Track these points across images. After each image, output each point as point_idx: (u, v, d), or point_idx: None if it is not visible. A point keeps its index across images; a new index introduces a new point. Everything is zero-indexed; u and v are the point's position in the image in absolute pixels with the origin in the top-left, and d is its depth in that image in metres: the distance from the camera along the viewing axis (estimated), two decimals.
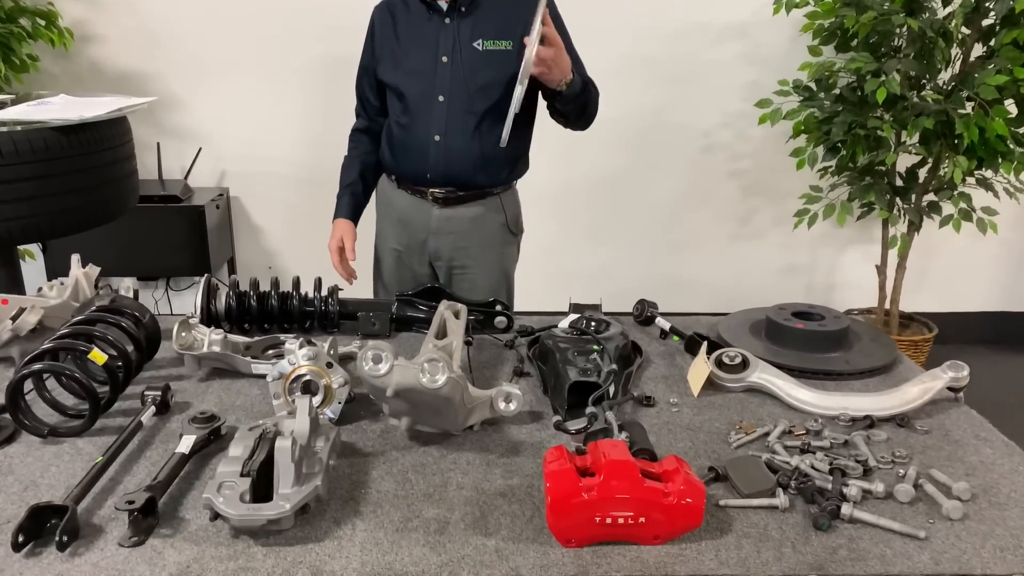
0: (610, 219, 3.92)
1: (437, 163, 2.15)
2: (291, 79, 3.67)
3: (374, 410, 1.45)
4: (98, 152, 2.19)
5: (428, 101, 2.13)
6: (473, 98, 2.11)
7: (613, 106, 3.73)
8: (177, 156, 3.72)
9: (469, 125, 2.12)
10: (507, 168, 2.23)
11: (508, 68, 2.04)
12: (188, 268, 3.63)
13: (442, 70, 2.11)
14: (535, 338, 1.73)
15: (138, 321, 1.54)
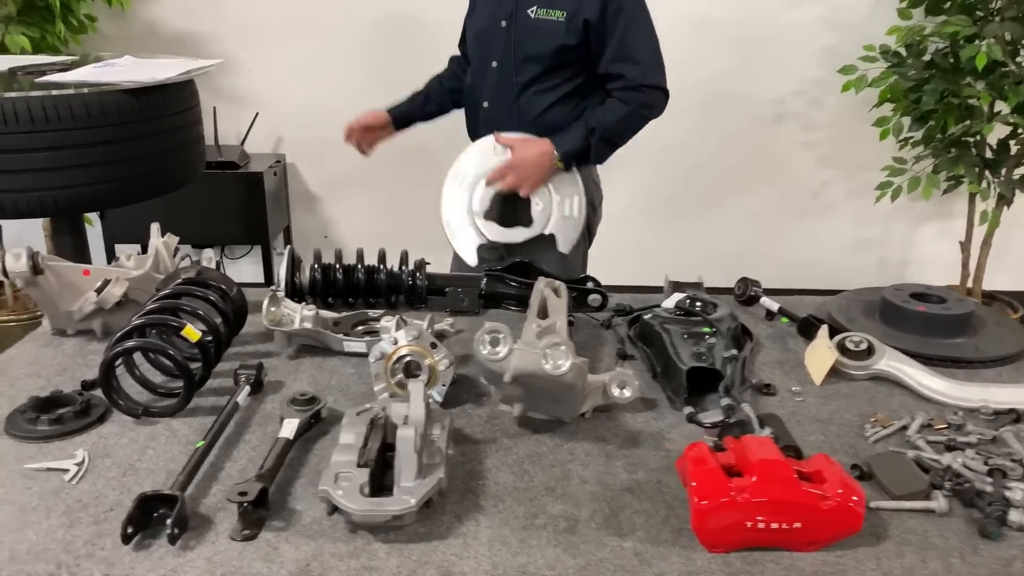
0: (672, 191, 3.79)
1: (484, 129, 2.13)
2: (350, 42, 3.57)
3: (477, 392, 1.37)
4: (169, 116, 2.12)
5: (484, 65, 2.13)
6: (518, 67, 2.07)
7: (679, 72, 3.60)
8: (233, 121, 3.65)
9: (511, 94, 2.09)
10: None
11: (555, 39, 2.00)
12: (243, 236, 3.58)
13: (499, 35, 2.09)
14: (634, 318, 1.63)
15: (225, 294, 1.47)
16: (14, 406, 1.28)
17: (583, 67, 2.05)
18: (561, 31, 2.00)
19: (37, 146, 1.91)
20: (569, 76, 2.06)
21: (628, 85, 2.03)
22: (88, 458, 1.15)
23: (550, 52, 2.02)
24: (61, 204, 1.97)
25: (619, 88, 2.05)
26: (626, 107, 2.04)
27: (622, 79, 2.03)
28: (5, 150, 1.89)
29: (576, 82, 2.08)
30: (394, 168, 3.31)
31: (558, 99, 2.08)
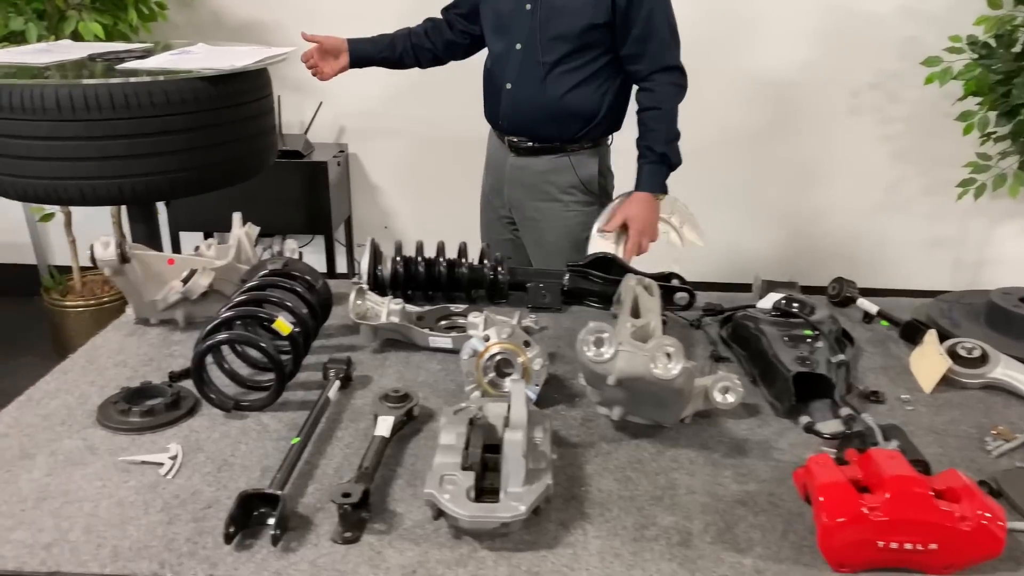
0: (738, 183, 3.68)
1: (507, 111, 2.18)
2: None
3: (568, 393, 1.33)
4: (244, 104, 2.11)
5: (508, 48, 2.15)
6: (544, 48, 2.09)
7: (750, 60, 3.53)
8: (296, 110, 3.64)
9: (537, 75, 2.11)
10: (576, 124, 2.16)
11: (583, 18, 2.03)
12: (305, 225, 3.57)
13: (523, 18, 2.10)
14: (726, 318, 1.57)
15: (311, 286, 1.44)
16: (104, 396, 1.28)
17: (608, 47, 2.09)
18: (589, 10, 2.03)
19: (116, 133, 1.91)
20: (595, 56, 2.09)
21: (653, 68, 2.09)
22: (181, 452, 1.14)
23: (577, 31, 2.04)
24: (139, 192, 1.97)
25: (644, 71, 2.10)
26: (662, 106, 2.10)
27: (645, 59, 2.09)
28: (85, 137, 1.90)
29: (601, 62, 2.10)
30: (455, 160, 3.26)
31: (583, 79, 2.10)
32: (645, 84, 2.14)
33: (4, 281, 3.99)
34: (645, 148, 2.14)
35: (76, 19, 2.86)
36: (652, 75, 2.11)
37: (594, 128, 2.18)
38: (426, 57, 2.38)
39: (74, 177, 1.91)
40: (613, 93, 2.17)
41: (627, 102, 2.25)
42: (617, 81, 2.16)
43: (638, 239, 2.13)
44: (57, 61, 2.09)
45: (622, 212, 2.14)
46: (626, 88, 2.22)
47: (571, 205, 2.24)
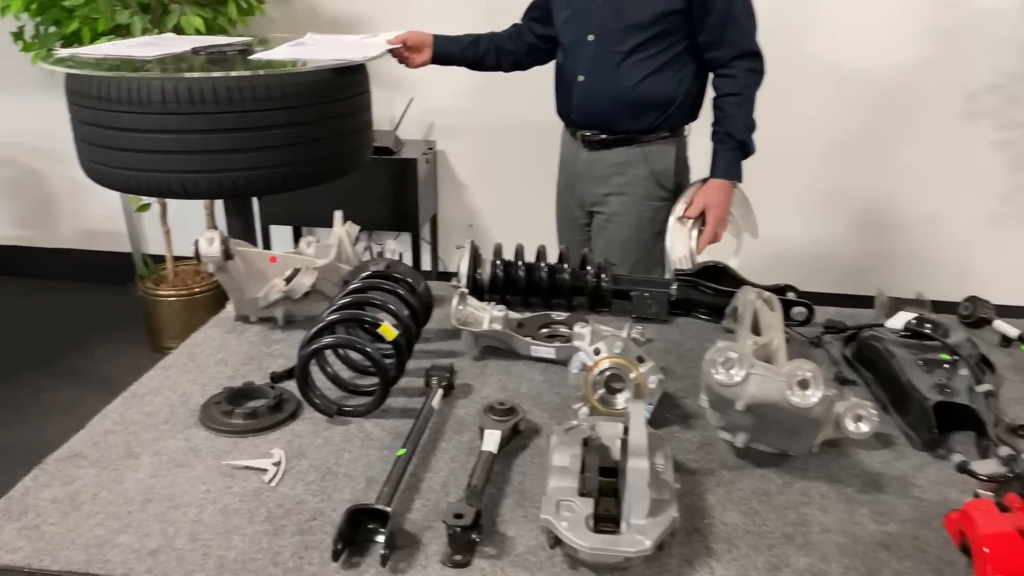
0: (839, 188, 3.52)
1: (579, 104, 2.15)
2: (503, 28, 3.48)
3: (682, 413, 1.25)
4: (344, 100, 2.09)
5: (580, 40, 2.12)
6: (618, 37, 2.06)
7: (854, 59, 3.35)
8: (386, 106, 3.63)
9: (610, 64, 2.08)
10: (652, 114, 2.12)
11: (656, 7, 2.00)
12: (392, 222, 3.56)
13: (596, 9, 2.08)
14: (850, 336, 1.47)
15: (412, 289, 1.40)
16: (206, 395, 1.26)
17: (684, 34, 2.06)
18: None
19: (218, 127, 1.91)
20: (670, 44, 2.06)
21: (732, 54, 2.05)
22: (285, 458, 1.10)
23: (652, 19, 2.02)
24: (239, 187, 1.97)
25: (723, 57, 2.06)
26: (742, 92, 2.07)
27: (724, 46, 2.05)
28: (188, 130, 1.90)
29: (676, 50, 2.07)
30: (540, 158, 3.19)
31: (657, 67, 2.07)
32: (724, 70, 2.10)
33: (100, 268, 4.12)
34: (724, 134, 2.10)
35: (178, 13, 2.90)
36: (732, 61, 2.08)
37: (670, 117, 2.14)
38: (508, 60, 2.37)
39: (176, 170, 1.92)
40: (689, 80, 2.12)
41: (704, 89, 2.20)
42: (693, 67, 2.12)
43: (715, 227, 2.11)
44: (161, 54, 2.10)
45: (700, 198, 2.11)
46: (703, 74, 2.16)
47: (644, 200, 2.19)
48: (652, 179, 2.16)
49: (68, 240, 4.18)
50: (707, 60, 2.10)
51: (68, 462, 1.09)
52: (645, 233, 2.19)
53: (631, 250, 2.18)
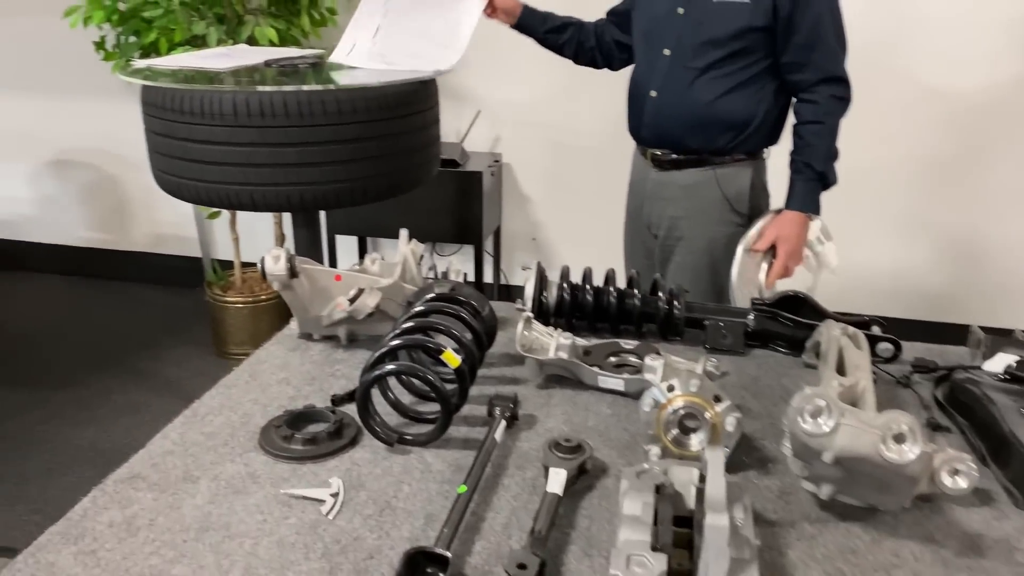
0: (917, 209, 3.37)
1: (650, 120, 2.08)
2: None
3: (760, 457, 1.18)
4: (412, 115, 2.07)
5: (655, 54, 2.05)
6: (695, 52, 1.99)
7: (950, 75, 3.19)
8: (453, 118, 3.61)
9: (685, 80, 2.01)
10: (726, 134, 2.03)
11: (738, 21, 1.92)
12: (455, 235, 3.55)
13: (674, 22, 2.01)
14: (943, 376, 1.37)
15: (477, 313, 1.36)
16: (267, 415, 1.24)
17: (766, 53, 1.97)
18: (746, 13, 1.92)
19: (288, 141, 1.90)
20: (749, 62, 1.98)
21: (817, 78, 1.96)
22: (343, 489, 1.07)
23: (732, 35, 1.94)
24: (306, 201, 1.96)
25: (807, 81, 1.97)
26: (824, 120, 1.97)
27: (808, 69, 1.96)
28: (258, 143, 1.91)
29: (756, 69, 1.99)
30: (605, 173, 3.13)
31: (734, 86, 1.97)
32: (806, 95, 1.99)
33: (171, 272, 4.21)
34: (802, 164, 1.99)
35: (253, 24, 2.94)
36: (815, 86, 1.97)
37: (746, 139, 2.04)
38: (585, 55, 2.30)
39: (246, 183, 1.92)
40: (769, 101, 2.02)
41: (786, 112, 2.09)
42: (774, 88, 2.02)
43: (786, 262, 2.00)
44: (234, 66, 2.11)
45: (772, 230, 2.01)
46: (784, 97, 2.05)
47: (716, 224, 2.09)
48: (725, 203, 2.06)
49: (141, 244, 4.28)
50: (789, 83, 2.01)
51: (127, 484, 1.08)
52: (718, 259, 2.08)
53: (703, 277, 2.09)
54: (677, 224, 2.13)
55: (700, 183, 2.07)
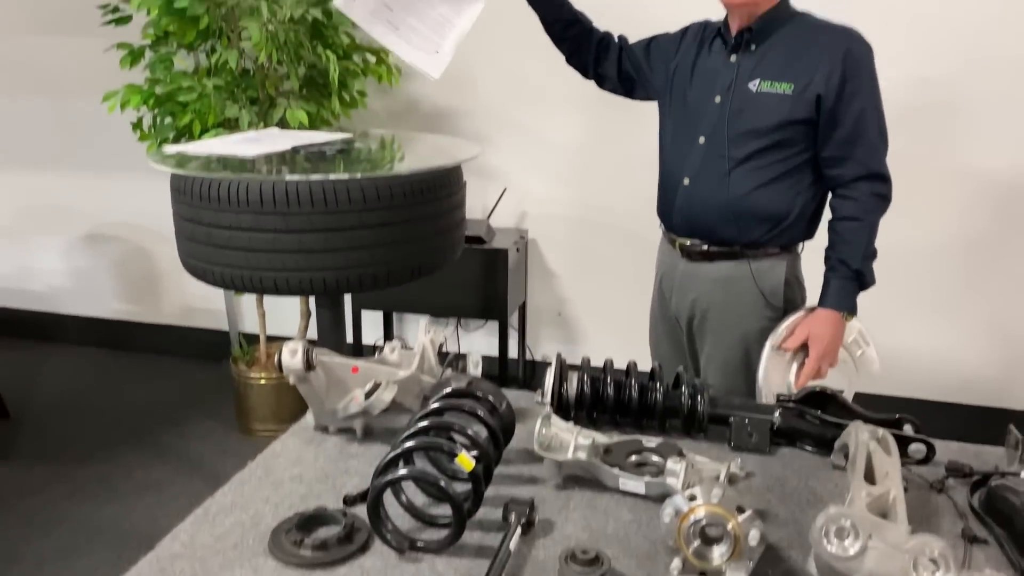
0: (950, 291, 3.31)
1: (682, 208, 2.02)
2: (597, 120, 3.47)
3: (785, 569, 1.12)
4: (436, 200, 2.08)
5: (690, 141, 2.00)
6: (732, 142, 1.93)
7: (972, 154, 3.17)
8: (479, 195, 3.64)
9: (720, 170, 1.95)
10: (761, 227, 1.96)
11: (780, 113, 1.87)
12: (480, 310, 3.55)
13: (711, 110, 1.96)
14: (979, 481, 1.31)
15: (494, 409, 1.34)
16: (278, 515, 1.22)
17: (806, 145, 1.92)
18: (788, 105, 1.88)
19: (313, 227, 1.93)
20: (788, 154, 1.92)
21: (857, 173, 1.90)
22: None
23: (772, 127, 1.89)
24: (329, 285, 1.97)
25: (846, 176, 1.91)
26: (863, 217, 1.91)
27: (848, 164, 1.90)
28: (284, 230, 1.93)
29: (795, 161, 1.93)
30: (631, 250, 3.14)
31: (772, 178, 1.93)
32: (845, 191, 1.93)
33: (198, 344, 4.24)
34: (838, 261, 1.93)
35: (284, 106, 3.00)
36: (855, 182, 1.91)
37: (781, 233, 1.98)
38: (580, 59, 2.20)
39: (270, 268, 1.94)
40: (807, 195, 1.96)
41: (823, 208, 2.03)
42: (811, 181, 1.96)
43: (818, 363, 1.92)
44: (264, 152, 2.15)
45: (804, 329, 1.93)
46: (823, 192, 2.00)
47: (749, 318, 2.02)
48: (759, 297, 1.98)
49: (169, 316, 4.33)
50: (828, 177, 1.95)
51: None
52: (752, 354, 2.00)
53: (736, 372, 2.01)
54: (707, 317, 2.06)
55: (732, 276, 2.01)
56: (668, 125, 2.10)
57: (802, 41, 1.89)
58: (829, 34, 1.90)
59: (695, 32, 2.08)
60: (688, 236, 2.04)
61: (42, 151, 4.22)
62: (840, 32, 1.90)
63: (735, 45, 1.95)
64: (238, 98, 3.02)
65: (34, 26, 4.00)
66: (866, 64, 1.87)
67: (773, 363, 1.93)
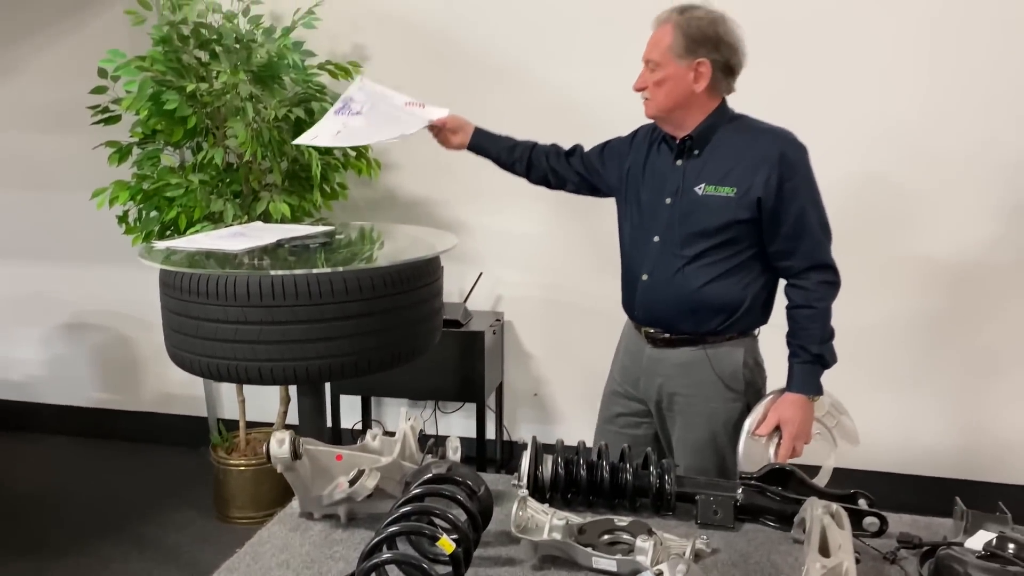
0: (908, 368, 3.45)
1: (642, 301, 2.14)
2: (571, 205, 3.61)
3: None
4: (415, 290, 2.18)
5: (646, 239, 2.12)
6: (683, 241, 2.05)
7: (931, 239, 3.36)
8: (456, 279, 3.76)
9: (675, 266, 2.07)
10: (717, 318, 2.07)
11: (725, 214, 1.99)
12: (458, 392, 3.61)
13: (662, 211, 2.09)
14: (928, 552, 1.40)
15: (473, 493, 1.41)
16: None
17: (752, 242, 2.03)
18: (732, 207, 1.99)
19: (297, 319, 2.01)
20: (737, 250, 2.03)
21: (805, 265, 2.02)
22: None
23: (719, 227, 2.00)
24: (312, 375, 2.05)
25: (795, 268, 2.04)
26: (815, 305, 2.03)
27: (795, 256, 2.02)
28: (269, 322, 2.01)
29: (743, 256, 2.04)
30: (606, 334, 3.26)
31: (723, 272, 2.04)
32: (796, 281, 2.05)
33: (177, 431, 4.25)
34: (798, 347, 2.04)
35: (267, 200, 3.12)
36: (804, 272, 2.03)
37: (737, 321, 2.07)
38: (538, 175, 2.40)
39: (255, 359, 2.01)
40: (758, 286, 2.07)
41: (774, 294, 2.14)
42: (763, 273, 2.08)
43: (792, 443, 2.02)
44: (249, 247, 2.25)
45: (774, 414, 2.03)
46: (773, 280, 2.12)
47: (712, 400, 2.11)
48: (719, 381, 2.08)
49: (148, 403, 4.34)
50: (778, 269, 2.06)
51: None
52: (718, 433, 2.09)
53: (705, 451, 2.10)
54: (674, 400, 2.14)
55: (693, 361, 2.10)
56: (625, 224, 2.23)
57: (740, 146, 2.01)
58: (765, 138, 2.01)
59: (644, 134, 2.20)
60: (651, 325, 2.15)
61: (22, 242, 4.30)
62: (775, 136, 2.02)
63: (680, 150, 2.07)
64: (222, 192, 3.14)
65: (21, 122, 4.13)
66: (801, 165, 1.99)
67: (751, 448, 2.02)
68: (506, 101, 3.54)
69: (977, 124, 3.20)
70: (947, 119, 3.23)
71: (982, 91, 3.18)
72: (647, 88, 2.03)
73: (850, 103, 3.28)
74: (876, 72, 3.25)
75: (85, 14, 3.89)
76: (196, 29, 3.13)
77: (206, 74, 3.14)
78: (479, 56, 3.59)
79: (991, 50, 3.16)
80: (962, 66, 3.19)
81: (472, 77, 3.59)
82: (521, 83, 3.55)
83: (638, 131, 2.25)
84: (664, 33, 1.98)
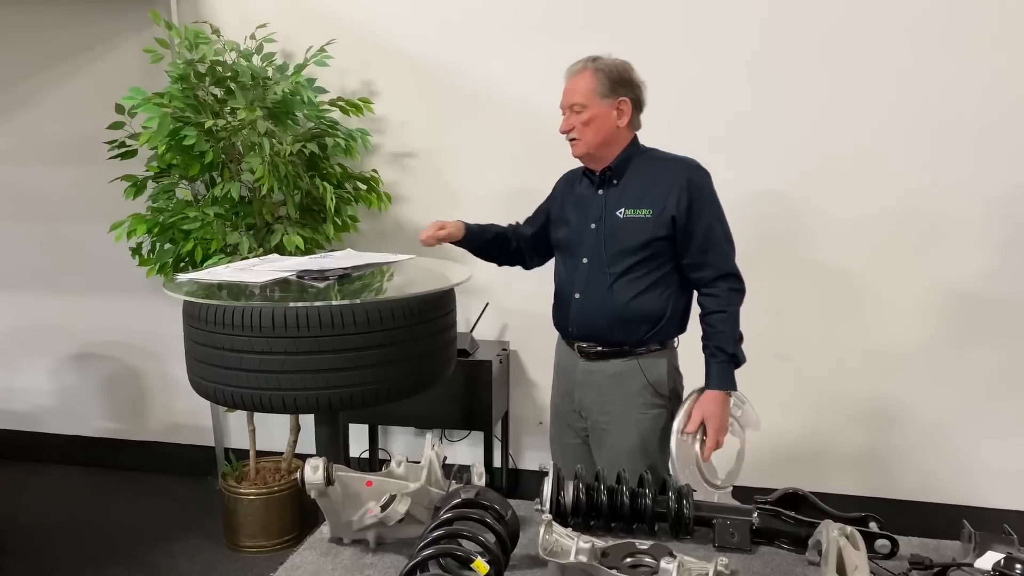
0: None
1: (576, 318, 2.36)
2: None
3: None
4: (432, 320, 2.25)
5: (575, 262, 2.37)
6: (610, 260, 2.29)
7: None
8: (463, 309, 3.82)
9: (604, 284, 2.30)
10: (643, 327, 2.31)
11: (644, 233, 2.25)
12: (465, 421, 3.66)
13: (589, 235, 2.34)
14: (939, 573, 1.45)
15: (501, 517, 1.46)
16: None
17: (669, 257, 2.29)
18: (650, 226, 2.25)
19: (319, 350, 2.07)
20: (657, 265, 2.29)
21: (714, 275, 2.29)
22: None
23: (640, 245, 2.26)
24: (333, 403, 2.11)
25: (706, 278, 2.29)
26: (727, 309, 2.28)
27: (706, 268, 2.28)
28: (292, 352, 2.08)
29: (663, 271, 2.30)
30: None
31: (647, 286, 2.29)
32: (708, 290, 2.31)
33: (184, 461, 4.27)
34: (715, 348, 2.28)
35: (281, 232, 3.19)
36: (714, 281, 2.29)
37: (660, 331, 2.32)
38: (508, 258, 2.65)
39: (279, 388, 2.07)
40: (676, 297, 2.32)
41: (690, 305, 2.40)
42: (679, 286, 2.33)
43: (716, 437, 2.25)
44: (270, 279, 2.31)
45: (698, 411, 2.26)
46: (687, 292, 2.37)
47: (642, 408, 2.33)
48: (649, 388, 2.32)
49: (155, 433, 4.37)
50: (692, 280, 2.32)
51: None
52: (647, 439, 2.32)
53: (634, 456, 2.30)
54: (609, 410, 2.35)
55: (624, 371, 2.33)
56: (557, 252, 2.49)
57: (654, 172, 2.29)
58: (674, 165, 2.29)
59: (566, 177, 2.52)
60: (584, 340, 2.38)
61: (31, 274, 4.35)
62: (682, 163, 2.30)
63: (600, 181, 2.34)
64: (238, 225, 3.20)
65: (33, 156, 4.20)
66: (706, 187, 2.27)
67: (681, 447, 2.24)
68: (512, 137, 3.64)
69: (966, 161, 3.30)
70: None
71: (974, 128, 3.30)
72: (574, 129, 2.28)
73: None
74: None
75: (100, 50, 3.98)
76: (212, 67, 3.22)
77: (220, 110, 3.23)
78: (486, 93, 3.69)
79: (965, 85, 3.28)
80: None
81: (478, 113, 3.69)
82: (528, 120, 3.64)
83: (561, 178, 2.56)
84: (584, 79, 2.25)
